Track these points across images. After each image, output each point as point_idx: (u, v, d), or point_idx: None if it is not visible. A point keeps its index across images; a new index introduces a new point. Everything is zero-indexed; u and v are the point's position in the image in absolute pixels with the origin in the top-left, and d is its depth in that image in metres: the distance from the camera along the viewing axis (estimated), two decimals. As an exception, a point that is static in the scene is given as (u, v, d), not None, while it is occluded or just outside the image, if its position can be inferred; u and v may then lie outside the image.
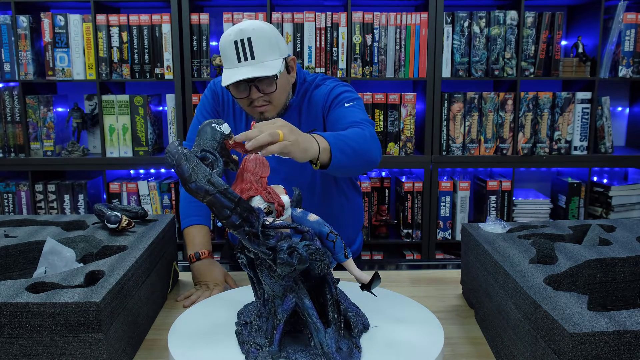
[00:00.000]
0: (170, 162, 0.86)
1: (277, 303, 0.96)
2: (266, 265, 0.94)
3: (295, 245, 0.90)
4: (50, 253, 1.18)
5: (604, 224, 1.29)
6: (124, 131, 2.77)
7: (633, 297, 1.09)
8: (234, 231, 0.88)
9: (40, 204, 2.84)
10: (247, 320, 1.05)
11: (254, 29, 1.40)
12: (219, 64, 2.71)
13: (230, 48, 1.40)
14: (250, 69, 1.39)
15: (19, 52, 2.71)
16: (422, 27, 2.69)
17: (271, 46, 1.42)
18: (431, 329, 1.07)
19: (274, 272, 0.93)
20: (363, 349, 0.98)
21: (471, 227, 1.31)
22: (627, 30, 2.73)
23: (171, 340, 1.03)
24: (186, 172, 0.84)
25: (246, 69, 1.39)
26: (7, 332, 0.92)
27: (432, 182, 2.79)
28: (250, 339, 0.98)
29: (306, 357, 0.94)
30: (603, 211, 2.86)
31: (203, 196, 0.84)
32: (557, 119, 2.78)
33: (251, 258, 0.99)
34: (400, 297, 1.23)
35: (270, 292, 0.97)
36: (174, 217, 1.47)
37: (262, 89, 1.44)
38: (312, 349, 0.96)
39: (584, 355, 0.77)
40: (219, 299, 1.25)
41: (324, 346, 0.93)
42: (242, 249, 0.99)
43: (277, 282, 0.95)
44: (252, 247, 0.89)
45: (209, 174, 0.85)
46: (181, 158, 0.84)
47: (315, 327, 0.95)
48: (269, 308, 0.98)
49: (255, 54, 1.39)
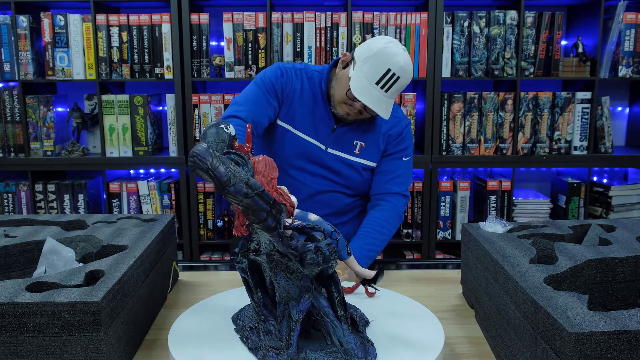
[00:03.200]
0: (201, 166, 0.80)
1: (291, 305, 0.95)
2: (282, 267, 0.93)
3: (319, 245, 0.91)
4: (50, 253, 1.18)
5: (604, 224, 1.29)
6: (124, 131, 2.77)
7: (633, 297, 1.09)
8: (268, 233, 0.87)
9: (40, 204, 2.84)
10: (251, 325, 1.03)
11: (408, 72, 1.54)
12: (219, 64, 2.71)
13: (381, 69, 1.52)
14: (379, 100, 1.54)
15: (19, 52, 2.71)
16: (422, 27, 2.69)
17: (401, 90, 1.59)
18: (431, 329, 1.07)
19: (291, 274, 0.93)
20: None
21: (471, 227, 1.31)
22: (627, 30, 2.73)
23: (171, 340, 1.03)
24: (224, 175, 0.79)
25: (378, 95, 1.53)
26: (7, 332, 0.92)
27: (432, 182, 2.79)
28: (263, 343, 0.97)
29: (326, 355, 0.94)
30: (603, 211, 2.86)
31: (241, 200, 0.81)
32: (557, 119, 2.78)
33: (253, 262, 0.99)
34: (400, 297, 1.23)
35: (284, 294, 0.95)
36: (174, 217, 1.47)
37: (369, 110, 1.58)
38: (329, 347, 0.95)
39: (584, 355, 0.77)
40: (218, 299, 1.25)
41: (344, 343, 0.93)
42: (246, 253, 0.98)
43: (295, 283, 0.94)
44: (283, 248, 0.89)
45: (246, 176, 0.82)
46: (218, 161, 0.80)
47: (332, 325, 0.95)
48: (282, 310, 0.97)
49: (389, 92, 1.54)
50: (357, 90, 1.53)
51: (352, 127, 1.69)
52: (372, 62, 1.52)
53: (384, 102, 1.54)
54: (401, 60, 1.52)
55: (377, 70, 1.51)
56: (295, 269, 0.93)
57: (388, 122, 1.71)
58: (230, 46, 2.69)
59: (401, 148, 1.74)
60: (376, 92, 1.52)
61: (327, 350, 0.95)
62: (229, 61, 2.70)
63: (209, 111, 2.74)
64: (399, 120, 1.74)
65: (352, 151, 1.70)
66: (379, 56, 1.51)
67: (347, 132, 1.69)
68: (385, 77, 1.51)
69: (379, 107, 1.54)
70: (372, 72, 1.52)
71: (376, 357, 0.95)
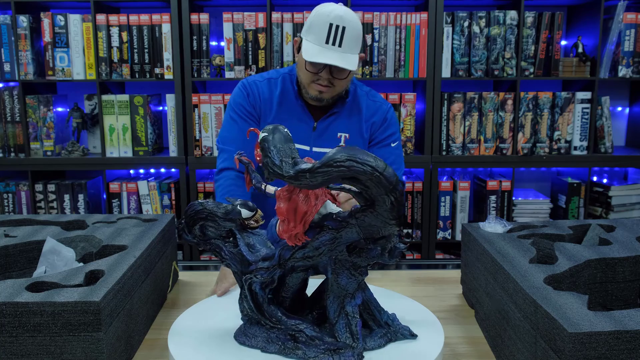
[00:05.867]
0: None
1: (347, 301, 0.98)
2: (347, 265, 0.96)
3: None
4: (50, 252, 1.18)
5: (604, 224, 1.29)
6: (124, 131, 2.77)
7: (633, 297, 1.09)
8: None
9: (40, 204, 2.84)
10: (291, 333, 1.00)
11: (351, 20, 1.50)
12: (219, 64, 2.71)
13: (324, 28, 1.49)
14: (337, 57, 1.49)
15: (19, 52, 2.71)
16: (422, 27, 2.69)
17: (357, 41, 1.52)
18: (431, 329, 1.07)
19: (355, 270, 0.96)
20: (367, 349, 1.00)
21: (471, 227, 1.31)
22: (627, 30, 2.72)
23: (171, 340, 1.03)
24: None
25: (333, 53, 1.49)
26: (7, 332, 0.92)
27: (432, 182, 2.79)
28: (324, 347, 0.97)
29: (380, 337, 1.02)
30: (603, 211, 2.86)
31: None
32: (557, 119, 2.78)
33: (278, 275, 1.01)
34: (400, 297, 1.23)
35: (341, 292, 0.98)
36: (174, 217, 1.47)
37: (334, 73, 1.53)
38: (379, 330, 1.02)
39: (584, 355, 0.77)
40: (218, 299, 1.25)
41: (390, 323, 1.04)
42: (284, 264, 0.99)
43: (357, 279, 0.98)
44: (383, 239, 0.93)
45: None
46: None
47: (378, 309, 1.04)
48: (335, 309, 0.99)
49: (343, 44, 1.49)
50: (313, 55, 1.49)
51: (332, 120, 1.66)
52: (313, 28, 1.51)
53: (344, 58, 1.50)
54: (338, 11, 1.49)
55: (321, 31, 1.49)
56: (361, 265, 0.96)
57: (369, 108, 1.69)
58: (230, 46, 2.69)
59: (388, 134, 1.70)
60: (331, 51, 1.49)
61: (379, 334, 1.01)
62: (229, 61, 2.70)
63: (209, 111, 2.74)
64: (380, 105, 1.71)
65: (337, 145, 1.67)
66: (317, 18, 1.51)
67: (329, 126, 1.67)
68: (331, 32, 1.48)
69: (342, 62, 1.49)
70: (317, 35, 1.49)
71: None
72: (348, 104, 1.67)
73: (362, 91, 1.71)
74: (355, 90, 1.70)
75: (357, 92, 1.70)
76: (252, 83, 1.67)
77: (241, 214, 1.01)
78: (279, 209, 0.93)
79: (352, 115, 1.68)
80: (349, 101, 1.67)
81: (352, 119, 1.68)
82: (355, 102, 1.69)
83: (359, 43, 1.53)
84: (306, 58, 1.49)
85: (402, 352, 0.99)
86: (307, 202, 0.92)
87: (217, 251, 1.05)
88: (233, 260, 1.04)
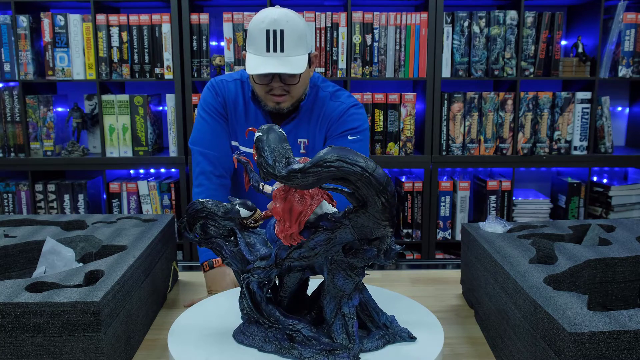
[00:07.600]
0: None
1: (344, 302, 0.98)
2: (344, 266, 0.96)
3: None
4: (50, 253, 1.18)
5: (603, 224, 1.29)
6: (124, 131, 2.77)
7: (633, 297, 1.09)
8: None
9: (40, 204, 2.84)
10: (288, 332, 1.01)
11: (288, 21, 1.42)
12: (219, 64, 2.71)
13: (261, 36, 1.42)
14: (278, 63, 1.41)
15: (19, 52, 2.71)
16: (422, 27, 2.69)
17: (300, 41, 1.44)
18: (431, 329, 1.07)
19: (352, 270, 0.96)
20: (363, 350, 1.00)
21: (471, 227, 1.31)
22: (627, 30, 2.72)
23: (171, 340, 1.03)
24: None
25: (275, 61, 1.41)
26: (6, 332, 0.92)
27: (432, 182, 2.79)
28: (320, 347, 0.97)
29: (378, 338, 1.01)
30: (603, 211, 2.86)
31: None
32: (557, 119, 2.78)
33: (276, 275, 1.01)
34: (400, 297, 1.23)
35: (338, 293, 0.98)
36: (174, 217, 1.47)
37: (285, 79, 1.47)
38: (377, 332, 1.01)
39: (584, 355, 0.77)
40: (218, 299, 1.25)
41: (388, 325, 1.03)
42: (280, 263, 0.99)
43: (354, 280, 0.97)
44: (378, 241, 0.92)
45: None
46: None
47: (376, 311, 1.03)
48: (332, 310, 0.99)
49: (284, 48, 1.42)
50: (255, 68, 1.42)
51: (293, 126, 1.59)
52: (251, 38, 1.44)
53: (288, 62, 1.42)
54: (273, 15, 1.42)
55: (259, 40, 1.42)
56: (357, 266, 0.95)
57: (327, 108, 1.60)
58: (230, 46, 2.69)
59: (344, 129, 1.59)
60: (273, 59, 1.42)
61: (376, 335, 1.01)
62: (229, 61, 2.70)
63: (209, 111, 2.73)
64: (339, 105, 1.60)
65: (298, 151, 1.61)
66: (253, 27, 1.43)
67: (289, 133, 1.59)
68: (270, 39, 1.41)
69: (286, 67, 1.42)
70: (257, 45, 1.43)
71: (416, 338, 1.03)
72: (307, 107, 1.59)
73: (324, 93, 1.61)
74: (316, 92, 1.61)
75: (319, 95, 1.61)
76: (220, 82, 1.63)
77: (240, 213, 1.01)
78: (275, 208, 0.93)
79: (312, 119, 1.60)
80: (308, 105, 1.59)
81: (312, 123, 1.60)
82: (317, 105, 1.60)
83: (302, 42, 1.44)
84: (248, 71, 1.43)
85: (401, 352, 0.99)
86: (302, 202, 0.92)
87: (218, 250, 1.05)
88: (233, 259, 1.04)
